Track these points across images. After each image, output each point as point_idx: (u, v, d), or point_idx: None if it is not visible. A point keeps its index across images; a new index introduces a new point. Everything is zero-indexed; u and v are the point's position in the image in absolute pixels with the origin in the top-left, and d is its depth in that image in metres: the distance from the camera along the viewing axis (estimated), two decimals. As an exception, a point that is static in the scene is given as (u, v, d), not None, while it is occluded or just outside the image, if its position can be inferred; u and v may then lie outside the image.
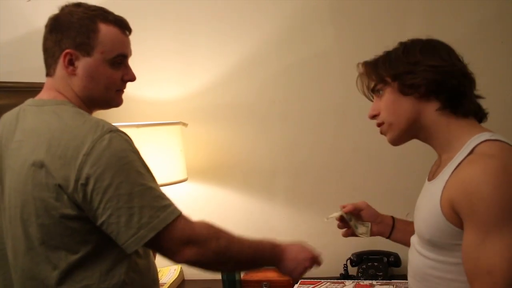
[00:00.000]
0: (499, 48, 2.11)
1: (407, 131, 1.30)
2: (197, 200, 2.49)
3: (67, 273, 1.23)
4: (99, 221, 1.18)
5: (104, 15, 1.34)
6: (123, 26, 1.38)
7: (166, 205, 1.23)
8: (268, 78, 2.40)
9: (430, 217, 1.21)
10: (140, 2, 2.46)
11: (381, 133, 1.36)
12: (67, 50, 1.30)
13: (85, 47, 1.30)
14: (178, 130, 2.32)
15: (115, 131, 1.23)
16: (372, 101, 1.38)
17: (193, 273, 2.42)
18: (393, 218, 1.62)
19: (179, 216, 1.25)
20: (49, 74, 1.37)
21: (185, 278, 2.53)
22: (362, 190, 2.33)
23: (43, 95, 1.36)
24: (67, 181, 1.17)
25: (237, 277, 2.27)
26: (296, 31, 2.34)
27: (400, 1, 2.20)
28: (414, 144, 1.41)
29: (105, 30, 1.32)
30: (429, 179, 1.33)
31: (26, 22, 2.49)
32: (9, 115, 1.37)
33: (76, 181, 1.16)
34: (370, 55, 1.39)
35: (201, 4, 2.41)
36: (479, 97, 1.29)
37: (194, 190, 2.48)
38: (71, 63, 1.31)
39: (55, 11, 1.38)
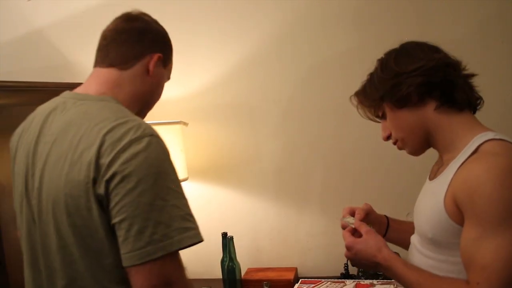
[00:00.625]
0: (499, 48, 2.11)
1: (421, 140, 1.32)
2: (197, 199, 2.49)
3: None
4: (111, 222, 1.11)
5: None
6: None
7: (186, 227, 1.15)
8: (269, 78, 2.40)
9: (433, 215, 1.21)
10: (140, 2, 2.46)
11: (399, 149, 1.38)
12: (160, 54, 1.38)
13: (166, 60, 1.43)
14: (178, 130, 2.32)
15: (156, 136, 1.19)
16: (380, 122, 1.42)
17: (194, 272, 2.43)
18: (386, 217, 1.63)
19: (196, 243, 1.16)
20: (116, 65, 1.33)
21: (186, 278, 2.53)
22: (363, 189, 2.34)
23: (90, 88, 1.31)
24: (96, 175, 1.11)
25: (237, 277, 2.28)
26: (296, 31, 2.34)
27: (398, 1, 2.20)
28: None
29: (173, 55, 1.49)
30: (431, 179, 1.33)
31: (26, 22, 2.50)
32: (45, 107, 1.31)
33: (102, 176, 1.10)
34: (370, 54, 1.40)
35: (202, 4, 2.41)
36: (471, 75, 1.29)
37: (195, 189, 2.49)
38: (154, 65, 1.37)
39: (55, 11, 1.38)
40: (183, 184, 2.22)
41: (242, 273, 2.34)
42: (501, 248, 1.07)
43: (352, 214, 1.56)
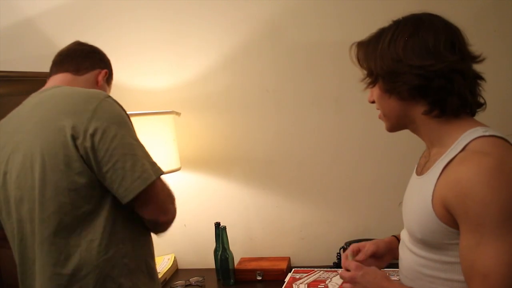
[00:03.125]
0: (494, 39, 2.11)
1: (400, 124, 1.28)
2: (190, 189, 2.49)
3: (72, 228, 1.34)
4: (104, 170, 1.31)
5: None
6: None
7: (155, 162, 1.40)
8: (261, 67, 2.39)
9: (422, 216, 1.16)
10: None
11: (379, 118, 1.32)
12: (107, 71, 1.68)
13: (109, 80, 1.73)
14: (171, 119, 2.31)
15: (112, 98, 1.43)
16: None
17: (187, 262, 2.44)
18: (396, 237, 1.53)
19: (163, 174, 1.42)
20: (70, 71, 1.60)
21: (179, 267, 2.54)
22: (356, 179, 2.34)
23: (47, 86, 1.56)
24: (78, 132, 1.31)
25: (231, 266, 2.28)
26: (288, 20, 2.33)
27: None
28: (409, 133, 1.40)
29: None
30: (418, 173, 1.28)
31: (16, 11, 2.47)
32: (13, 111, 1.51)
33: (85, 131, 1.31)
34: None
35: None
36: (479, 77, 1.20)
37: (187, 179, 2.48)
38: (103, 79, 1.67)
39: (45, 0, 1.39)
40: (176, 173, 2.25)
41: (235, 263, 2.34)
42: (501, 253, 1.02)
43: (357, 253, 1.48)
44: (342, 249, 2.29)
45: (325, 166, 2.37)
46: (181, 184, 2.48)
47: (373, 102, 1.31)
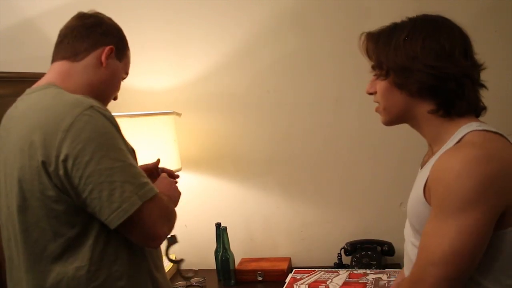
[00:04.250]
0: (494, 40, 2.11)
1: (399, 118, 1.28)
2: (191, 189, 2.48)
3: (58, 255, 1.24)
4: (82, 198, 1.19)
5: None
6: None
7: (145, 182, 1.24)
8: (262, 68, 2.39)
9: (417, 206, 1.19)
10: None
11: (376, 111, 1.32)
12: (112, 46, 1.44)
13: (121, 53, 1.49)
14: (171, 120, 2.31)
15: (96, 107, 1.24)
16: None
17: (188, 262, 2.43)
18: None
19: (157, 194, 1.26)
20: (68, 58, 1.41)
21: (180, 268, 2.53)
22: (356, 179, 2.34)
23: (42, 80, 1.40)
24: (49, 158, 1.19)
25: (231, 267, 2.28)
26: (287, 20, 2.33)
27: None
28: (409, 133, 1.40)
29: (129, 51, 1.56)
30: (421, 169, 1.32)
31: (17, 11, 2.47)
32: (6, 115, 1.41)
33: (57, 157, 1.18)
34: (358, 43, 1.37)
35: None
36: (483, 86, 1.23)
37: (188, 180, 2.48)
38: (107, 57, 1.43)
39: (47, 0, 1.38)
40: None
41: (236, 263, 2.34)
42: (445, 236, 1.06)
43: None
44: (342, 249, 2.29)
45: (326, 166, 2.37)
46: (182, 185, 2.47)
47: (371, 93, 1.32)
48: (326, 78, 2.32)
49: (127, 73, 1.56)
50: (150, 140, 2.18)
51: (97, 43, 1.42)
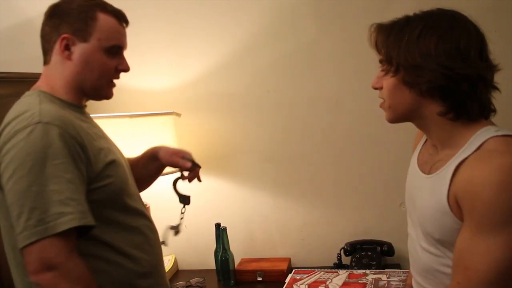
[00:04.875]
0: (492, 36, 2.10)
1: (405, 117, 1.23)
2: (190, 190, 2.48)
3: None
4: None
5: (103, 5, 1.39)
6: (120, 17, 1.43)
7: (60, 213, 1.16)
8: (261, 68, 2.39)
9: (439, 216, 1.15)
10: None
11: (380, 107, 1.26)
12: (64, 35, 1.33)
13: (83, 33, 1.34)
14: (171, 120, 2.31)
15: (46, 123, 1.20)
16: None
17: (188, 263, 2.43)
18: None
19: (69, 229, 1.16)
20: (45, 61, 1.39)
21: (179, 268, 2.53)
22: (355, 179, 2.34)
23: (34, 85, 1.39)
24: None
25: (231, 267, 2.28)
26: (287, 20, 2.33)
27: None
28: (409, 133, 1.40)
29: (104, 19, 1.36)
30: (426, 172, 1.25)
31: (17, 12, 2.47)
32: None
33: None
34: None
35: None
36: (495, 88, 1.18)
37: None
38: (67, 48, 1.34)
39: (47, 0, 1.38)
40: (176, 174, 2.18)
41: (236, 264, 2.34)
42: (488, 252, 1.03)
43: None
44: (342, 249, 2.29)
45: (325, 167, 2.37)
46: (181, 185, 2.47)
47: (376, 88, 1.25)
48: (326, 78, 2.32)
49: (111, 44, 1.38)
50: (150, 140, 2.17)
51: (53, 38, 1.36)
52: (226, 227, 2.28)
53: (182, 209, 1.73)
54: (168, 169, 1.78)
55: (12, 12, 2.49)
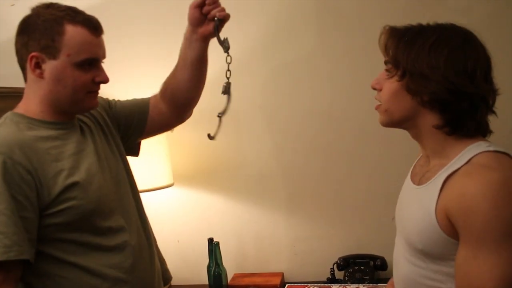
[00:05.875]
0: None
1: (399, 123, 1.23)
2: (184, 205, 2.48)
3: None
4: None
5: (72, 15, 1.31)
6: (92, 26, 1.34)
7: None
8: (253, 83, 2.40)
9: (424, 227, 1.15)
10: (128, 8, 2.45)
11: (376, 109, 1.26)
12: (33, 54, 1.28)
13: (51, 50, 1.29)
14: (163, 135, 2.31)
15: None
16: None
17: (180, 278, 2.41)
18: None
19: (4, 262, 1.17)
20: (24, 79, 1.37)
21: (172, 284, 2.51)
22: (348, 193, 2.34)
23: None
24: None
25: (224, 282, 2.27)
26: (280, 35, 2.34)
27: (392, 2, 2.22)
28: (401, 148, 1.40)
29: (72, 32, 1.29)
30: (416, 183, 1.26)
31: (9, 27, 2.47)
32: None
33: None
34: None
35: (185, 8, 2.40)
36: (493, 112, 1.19)
37: (181, 195, 2.47)
38: (37, 66, 1.30)
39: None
40: (169, 189, 2.15)
41: (229, 279, 2.33)
42: (496, 268, 1.03)
43: None
44: (335, 264, 2.28)
45: (318, 181, 2.37)
46: (174, 200, 2.47)
47: (375, 89, 1.25)
48: (320, 93, 2.33)
49: (82, 58, 1.31)
50: (142, 155, 2.17)
51: (23, 57, 1.32)
52: (218, 242, 2.27)
53: (227, 58, 1.62)
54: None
55: (4, 27, 2.49)
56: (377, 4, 2.23)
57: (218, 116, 1.59)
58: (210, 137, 1.54)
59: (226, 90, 1.59)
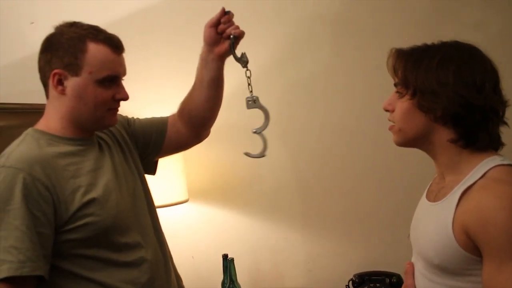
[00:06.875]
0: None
1: (414, 142, 1.25)
2: (198, 221, 2.48)
3: None
4: None
5: (94, 33, 1.35)
6: (113, 45, 1.38)
7: (4, 260, 1.18)
8: (269, 98, 2.39)
9: (441, 242, 1.15)
10: (140, 22, 2.48)
11: (390, 130, 1.28)
12: (56, 70, 1.33)
13: (73, 67, 1.33)
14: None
15: (9, 167, 1.24)
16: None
17: (194, 286, 2.40)
18: None
19: (18, 277, 1.18)
20: (46, 95, 1.41)
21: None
22: (364, 210, 2.33)
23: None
24: None
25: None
26: (295, 51, 2.36)
27: (403, 13, 2.23)
28: (416, 164, 1.40)
29: (94, 50, 1.33)
30: (431, 200, 1.27)
31: (26, 45, 2.51)
32: None
33: None
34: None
35: (202, 23, 2.42)
36: (504, 123, 1.22)
37: (196, 211, 2.48)
38: (60, 83, 1.34)
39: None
40: (184, 205, 2.15)
41: (245, 292, 2.32)
42: None
43: None
44: (350, 281, 2.26)
45: (333, 197, 2.37)
46: (189, 216, 2.47)
47: (387, 110, 1.27)
48: (334, 107, 2.34)
49: (104, 75, 1.35)
50: (157, 171, 2.18)
51: (46, 74, 1.36)
52: (233, 258, 2.26)
53: (246, 73, 1.66)
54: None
55: (21, 45, 2.53)
56: (392, 20, 2.25)
57: (255, 132, 1.67)
58: (251, 155, 1.66)
59: (252, 104, 1.64)
